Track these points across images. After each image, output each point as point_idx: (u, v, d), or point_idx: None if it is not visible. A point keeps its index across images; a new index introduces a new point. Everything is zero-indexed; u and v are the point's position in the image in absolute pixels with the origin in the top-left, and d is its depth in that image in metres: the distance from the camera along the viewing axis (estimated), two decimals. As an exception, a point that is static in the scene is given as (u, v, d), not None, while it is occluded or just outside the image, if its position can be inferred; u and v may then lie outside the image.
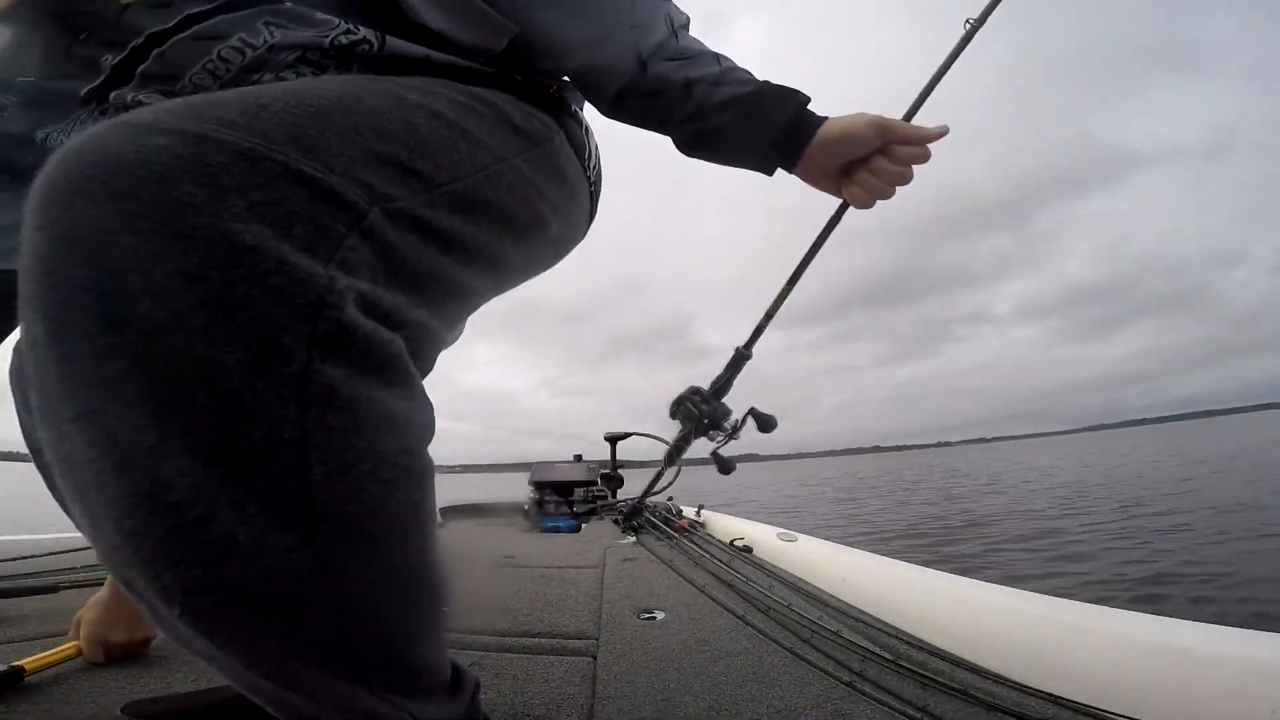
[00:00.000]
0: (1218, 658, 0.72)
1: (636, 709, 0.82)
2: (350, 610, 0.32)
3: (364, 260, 0.32)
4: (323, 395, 0.29)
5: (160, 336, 0.25)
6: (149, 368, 0.25)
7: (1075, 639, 0.87)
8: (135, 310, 0.25)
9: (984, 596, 1.10)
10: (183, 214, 0.25)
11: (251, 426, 0.27)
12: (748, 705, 0.83)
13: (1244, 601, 3.21)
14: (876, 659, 0.94)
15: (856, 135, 0.57)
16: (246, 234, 0.27)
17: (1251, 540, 4.55)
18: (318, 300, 0.29)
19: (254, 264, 0.27)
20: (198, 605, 0.28)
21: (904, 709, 0.78)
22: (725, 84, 0.57)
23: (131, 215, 0.25)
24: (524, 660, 1.02)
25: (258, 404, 0.27)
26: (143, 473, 0.26)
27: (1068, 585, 3.59)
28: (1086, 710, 0.73)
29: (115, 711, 0.75)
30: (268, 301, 0.27)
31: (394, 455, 0.33)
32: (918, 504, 10.30)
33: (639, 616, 1.29)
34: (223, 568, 0.27)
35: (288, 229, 0.28)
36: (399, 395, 0.34)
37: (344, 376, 0.30)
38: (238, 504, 0.27)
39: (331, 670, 0.33)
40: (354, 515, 0.31)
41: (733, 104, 0.56)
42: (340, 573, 0.31)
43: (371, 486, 0.31)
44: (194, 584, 0.27)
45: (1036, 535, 5.44)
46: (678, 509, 2.79)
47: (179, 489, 0.26)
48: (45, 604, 1.24)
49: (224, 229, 0.26)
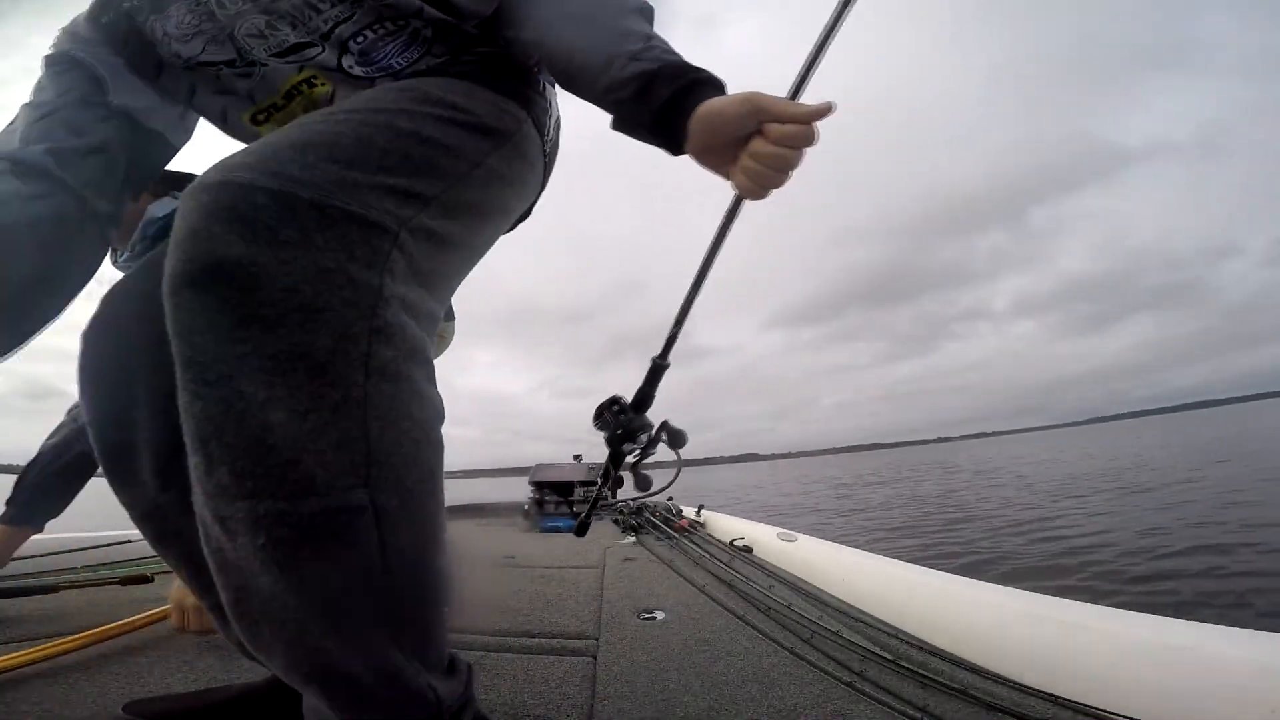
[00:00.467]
0: (1218, 658, 0.72)
1: (636, 709, 0.82)
2: (392, 558, 0.40)
3: (401, 268, 0.43)
4: (379, 369, 0.40)
5: (274, 328, 0.36)
6: (266, 349, 0.36)
7: (1075, 639, 0.87)
8: (256, 311, 0.36)
9: (984, 596, 1.10)
10: (287, 249, 0.38)
11: (333, 389, 0.38)
12: (748, 705, 0.83)
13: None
14: (876, 659, 0.95)
15: (726, 113, 0.52)
16: (326, 259, 0.39)
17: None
18: (374, 302, 0.40)
19: (333, 280, 0.39)
20: (280, 534, 0.36)
21: (904, 709, 0.78)
22: (639, 60, 0.55)
23: (255, 251, 0.37)
24: (524, 660, 1.02)
25: (337, 374, 0.38)
26: (256, 424, 0.36)
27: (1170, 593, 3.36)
28: (1086, 710, 0.73)
29: (116, 711, 0.75)
30: (342, 305, 0.39)
31: (423, 422, 0.43)
32: (924, 498, 10.23)
33: (639, 616, 1.29)
34: (303, 500, 0.37)
35: (351, 253, 0.40)
36: (425, 376, 0.44)
37: (392, 357, 0.41)
38: (320, 450, 0.37)
39: (375, 619, 0.41)
40: (395, 465, 0.40)
41: (635, 79, 0.55)
42: (387, 516, 0.39)
43: (407, 443, 0.41)
44: (280, 514, 0.36)
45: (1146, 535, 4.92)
46: (678, 509, 2.79)
47: (279, 435, 0.36)
48: (45, 604, 1.24)
49: (313, 258, 0.38)
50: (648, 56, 0.55)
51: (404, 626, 0.43)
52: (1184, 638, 0.78)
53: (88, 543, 1.84)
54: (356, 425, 0.38)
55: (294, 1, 0.57)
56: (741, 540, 2.02)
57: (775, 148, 0.51)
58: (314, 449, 0.37)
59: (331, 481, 0.37)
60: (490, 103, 0.60)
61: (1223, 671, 0.70)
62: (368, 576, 0.39)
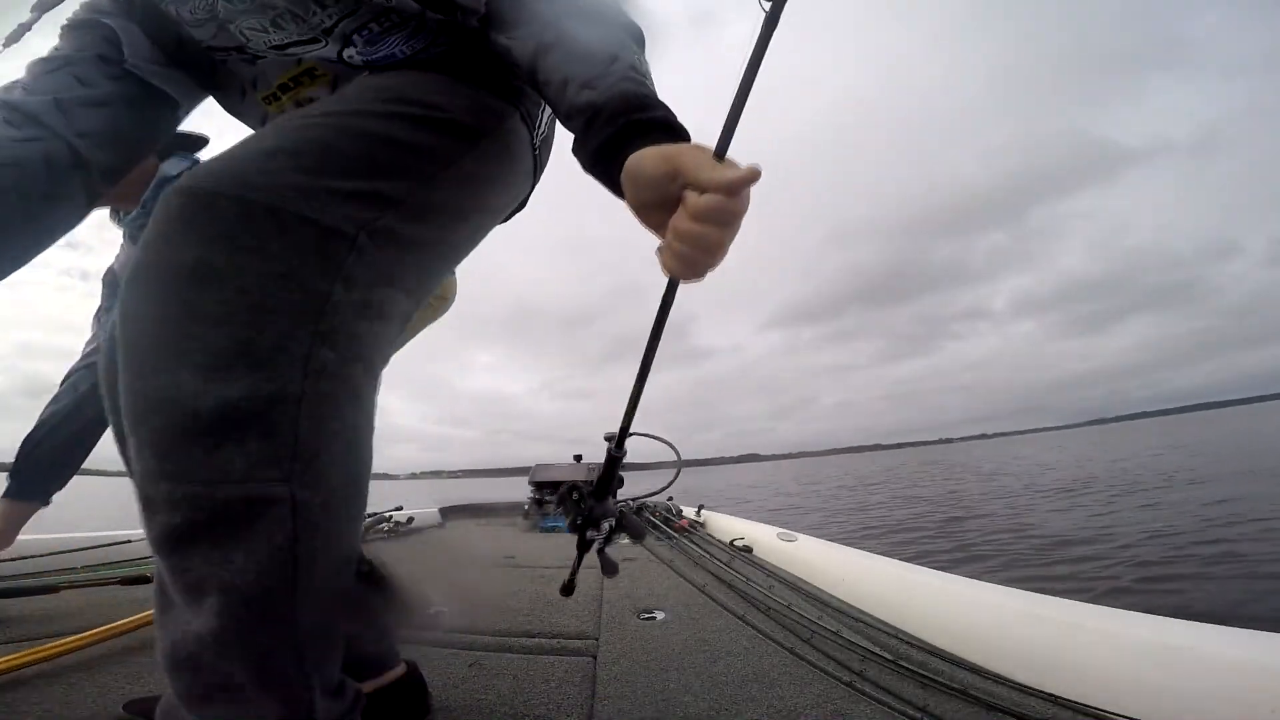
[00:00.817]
0: (1218, 658, 0.72)
1: (636, 709, 0.82)
2: (301, 556, 0.41)
3: (361, 272, 0.45)
4: (318, 369, 0.41)
5: (221, 325, 0.39)
6: (211, 344, 0.39)
7: (1075, 639, 0.87)
8: (206, 309, 0.39)
9: (984, 596, 1.10)
10: (242, 254, 0.40)
11: (269, 384, 0.39)
12: (748, 705, 0.83)
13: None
14: (876, 659, 0.95)
15: (645, 172, 0.44)
16: (279, 264, 0.41)
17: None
18: (322, 307, 0.42)
19: (284, 284, 0.41)
20: (194, 516, 0.38)
21: (904, 709, 0.78)
22: (590, 87, 0.49)
23: (212, 254, 0.40)
24: (524, 660, 1.02)
25: (276, 370, 0.40)
26: (186, 411, 0.38)
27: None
28: (1086, 710, 0.73)
29: (117, 711, 0.75)
30: (290, 308, 0.41)
31: (355, 427, 0.45)
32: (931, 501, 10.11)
33: (639, 616, 1.29)
34: (220, 485, 0.38)
35: (305, 259, 0.42)
36: (367, 383, 0.46)
37: (334, 359, 0.42)
38: (244, 440, 0.38)
39: (268, 612, 0.40)
40: (322, 464, 0.42)
41: (583, 111, 0.49)
42: (304, 514, 0.40)
43: (337, 445, 0.43)
44: (195, 498, 0.38)
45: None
46: (678, 509, 2.79)
47: (207, 422, 0.38)
48: (45, 604, 1.24)
49: (266, 263, 0.41)
50: (602, 84, 0.48)
51: (300, 627, 0.42)
52: (1184, 638, 0.78)
53: (88, 543, 1.84)
54: (287, 421, 0.40)
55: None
56: (741, 540, 2.02)
57: (695, 225, 0.41)
58: (239, 438, 0.38)
59: (251, 471, 0.39)
60: (471, 99, 0.60)
61: (1223, 671, 0.70)
62: (274, 568, 0.40)
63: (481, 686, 0.90)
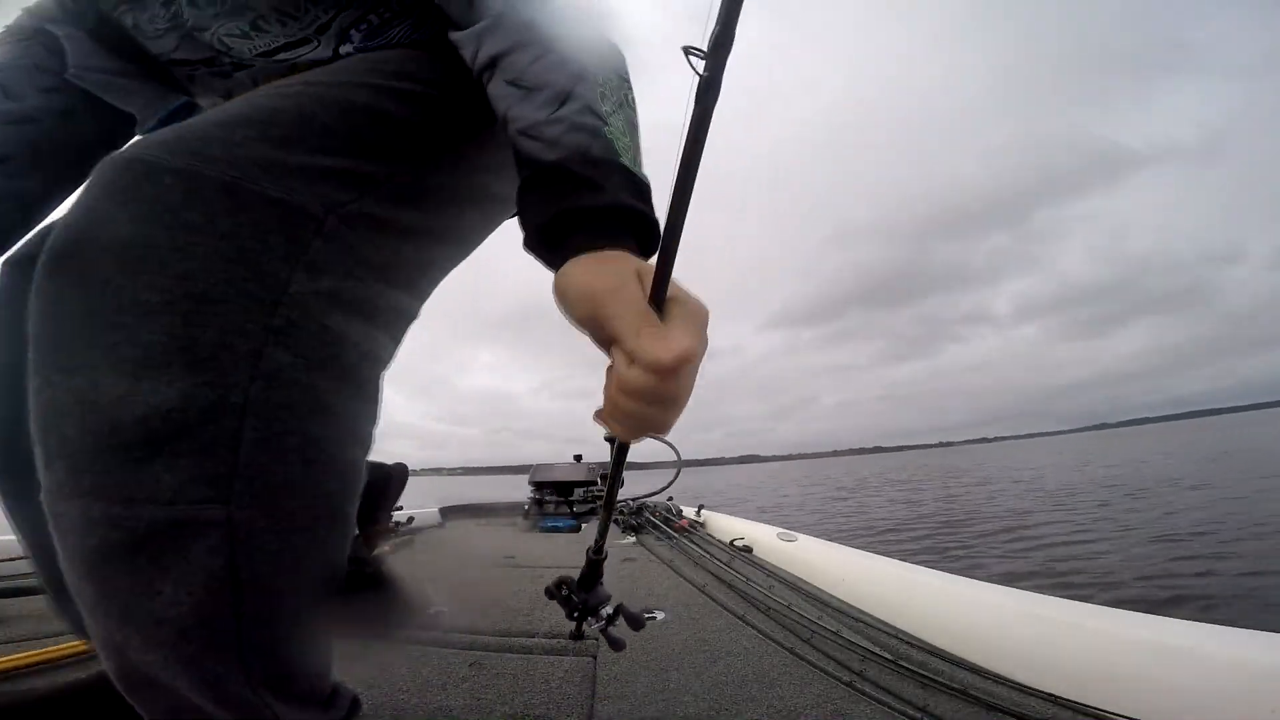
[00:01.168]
0: (1218, 658, 0.72)
1: (636, 709, 0.82)
2: (245, 583, 0.35)
3: (330, 260, 0.38)
4: (270, 373, 0.35)
5: (155, 316, 0.32)
6: (140, 338, 0.32)
7: (1075, 639, 0.87)
8: (138, 296, 0.32)
9: (984, 596, 1.10)
10: (185, 233, 0.34)
11: (208, 390, 0.33)
12: (748, 705, 0.83)
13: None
14: (876, 659, 0.95)
15: (567, 299, 0.36)
16: (230, 246, 0.34)
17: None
18: (277, 298, 0.35)
19: (233, 269, 0.34)
20: (113, 538, 0.32)
21: (904, 709, 0.78)
22: (530, 136, 0.41)
23: (148, 232, 0.33)
24: (524, 660, 1.02)
25: (218, 373, 0.33)
26: (104, 420, 0.32)
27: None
28: (1086, 710, 0.73)
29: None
30: (240, 298, 0.34)
31: (321, 441, 0.38)
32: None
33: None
34: (142, 506, 0.32)
35: (264, 241, 0.36)
36: (337, 390, 0.39)
37: (290, 362, 0.36)
38: (174, 456, 0.32)
39: (209, 641, 0.35)
40: (271, 486, 0.35)
41: (524, 165, 0.41)
42: (246, 539, 0.34)
43: (293, 462, 0.36)
44: (113, 519, 0.32)
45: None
46: (678, 509, 2.79)
47: (128, 434, 0.32)
48: (45, 604, 1.24)
49: (215, 245, 0.34)
50: (546, 135, 0.40)
51: (254, 654, 0.37)
52: (1184, 638, 0.78)
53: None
54: (226, 434, 0.33)
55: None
56: (741, 540, 2.02)
57: (624, 400, 0.34)
58: (168, 452, 0.32)
59: (181, 491, 0.32)
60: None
61: (1223, 671, 0.70)
62: (210, 599, 0.34)
63: (481, 686, 0.90)
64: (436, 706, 0.83)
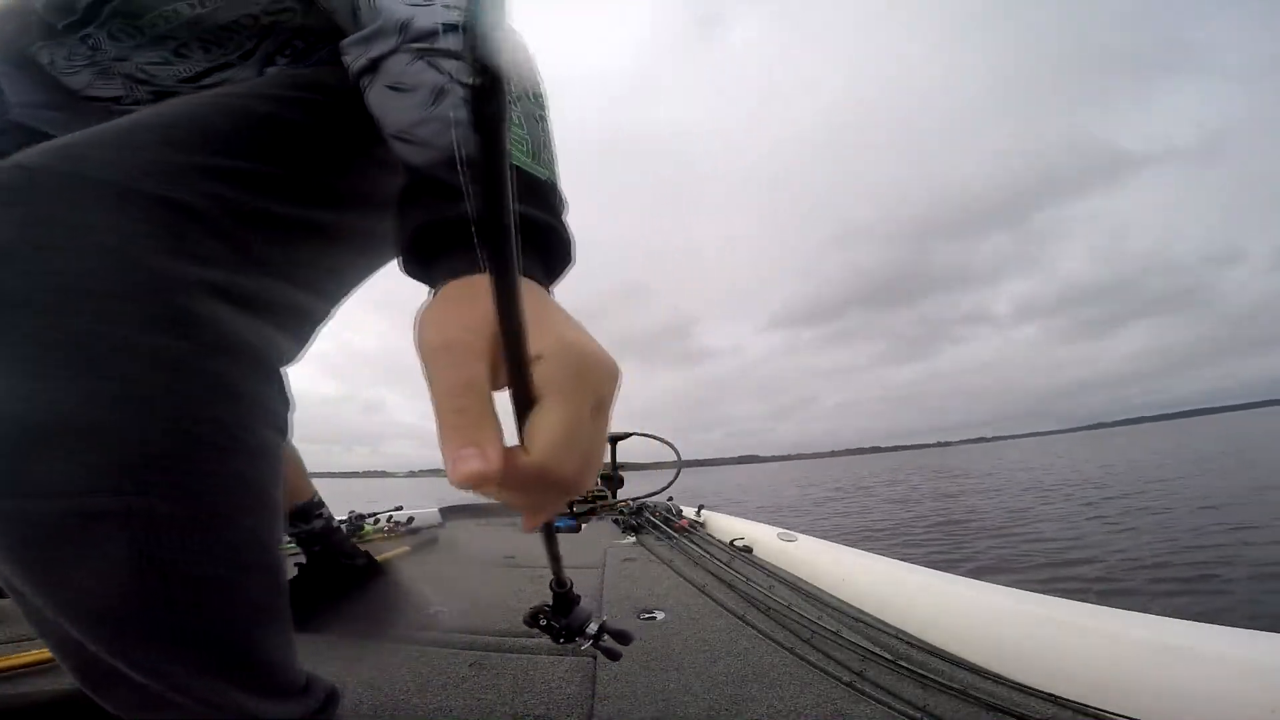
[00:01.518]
0: (1218, 658, 0.72)
1: (636, 709, 0.82)
2: (169, 572, 0.35)
3: (218, 255, 0.38)
4: (169, 362, 0.35)
5: (21, 311, 0.32)
6: (14, 337, 0.32)
7: (1075, 639, 0.87)
8: (30, 297, 0.32)
9: (984, 597, 1.10)
10: (66, 234, 0.34)
11: (98, 381, 0.33)
12: (748, 705, 0.83)
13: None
14: (876, 659, 0.95)
15: (420, 348, 0.26)
16: (111, 240, 0.34)
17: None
18: (168, 288, 0.35)
19: (115, 264, 0.34)
20: (20, 534, 0.32)
21: (904, 709, 0.78)
22: (406, 141, 0.38)
23: (20, 235, 0.33)
24: (524, 660, 1.02)
25: (114, 363, 0.33)
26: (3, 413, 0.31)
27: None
28: (1086, 710, 0.73)
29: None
30: (132, 290, 0.34)
31: (232, 427, 0.38)
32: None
33: (639, 616, 1.29)
34: (42, 500, 0.32)
35: (147, 235, 0.35)
36: (243, 374, 0.39)
37: (189, 350, 0.35)
38: (68, 448, 0.32)
39: (144, 632, 0.35)
40: (182, 470, 0.35)
41: (403, 173, 0.38)
42: (156, 527, 0.34)
43: (204, 448, 0.36)
44: (16, 514, 0.32)
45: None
46: (678, 509, 2.79)
47: (16, 427, 0.31)
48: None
49: (93, 242, 0.34)
50: (418, 136, 0.37)
51: (195, 643, 0.37)
52: (1184, 638, 0.78)
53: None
54: (127, 422, 0.33)
55: (206, 26, 0.51)
56: (741, 540, 2.02)
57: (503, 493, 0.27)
58: (60, 445, 0.32)
59: (78, 481, 0.32)
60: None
61: (1223, 671, 0.70)
62: (132, 588, 0.34)
63: (481, 686, 0.90)
64: (436, 706, 0.83)
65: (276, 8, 0.51)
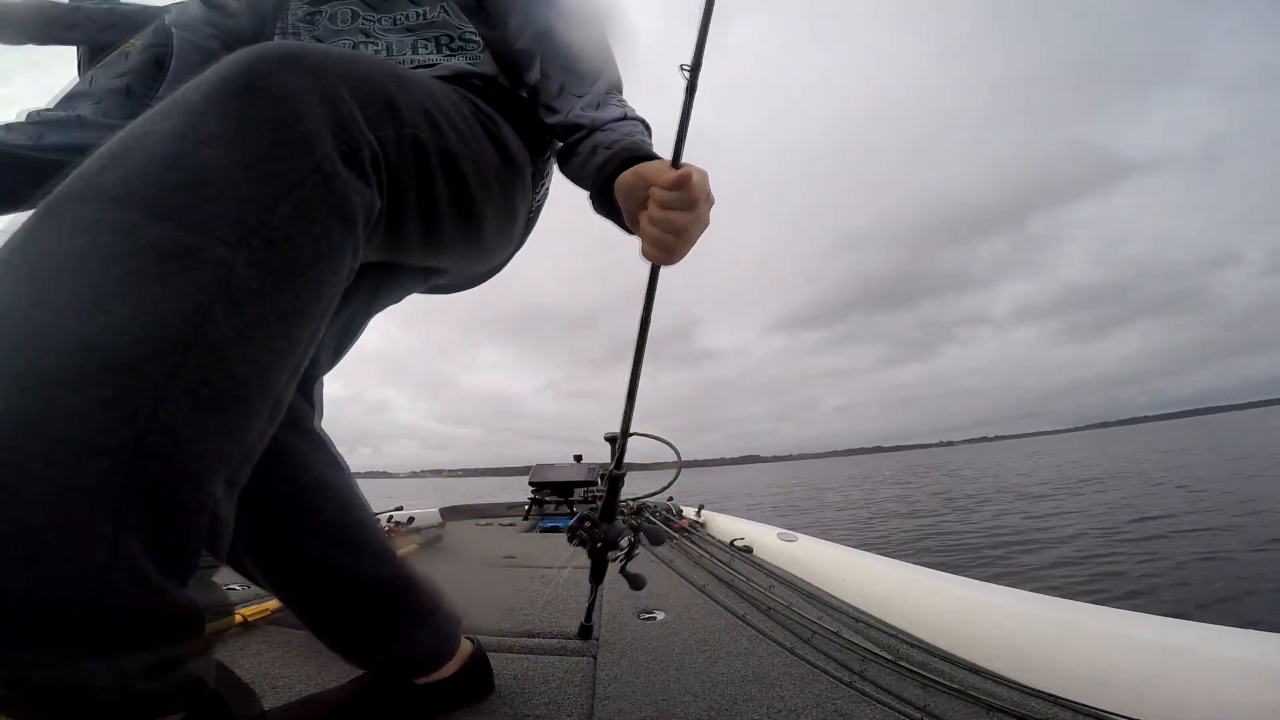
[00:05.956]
0: (1218, 658, 0.72)
1: (636, 709, 0.82)
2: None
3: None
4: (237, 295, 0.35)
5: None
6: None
7: (1075, 639, 0.87)
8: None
9: (984, 597, 1.10)
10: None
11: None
12: (748, 705, 0.82)
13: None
14: (876, 659, 0.95)
15: (624, 182, 0.58)
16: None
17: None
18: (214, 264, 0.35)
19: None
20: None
21: (904, 709, 0.78)
22: (609, 148, 0.63)
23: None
24: (524, 660, 1.02)
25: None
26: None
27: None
28: (1086, 710, 0.73)
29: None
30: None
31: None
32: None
33: (639, 616, 1.29)
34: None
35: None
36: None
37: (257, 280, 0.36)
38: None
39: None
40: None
41: (603, 168, 0.62)
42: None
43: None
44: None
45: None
46: (678, 509, 2.79)
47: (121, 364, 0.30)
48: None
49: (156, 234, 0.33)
50: (616, 146, 0.63)
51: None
52: (1184, 638, 0.78)
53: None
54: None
55: (400, 39, 0.69)
56: (741, 540, 2.01)
57: (659, 211, 0.54)
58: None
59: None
60: (514, 136, 0.69)
61: (1223, 671, 0.70)
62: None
63: (481, 686, 0.90)
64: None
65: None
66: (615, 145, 0.63)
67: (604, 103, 0.68)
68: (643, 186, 0.55)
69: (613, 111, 0.68)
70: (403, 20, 0.70)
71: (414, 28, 0.70)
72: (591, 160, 0.64)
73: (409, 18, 0.70)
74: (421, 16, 0.69)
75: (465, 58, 0.70)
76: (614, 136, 0.64)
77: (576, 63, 0.69)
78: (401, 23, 0.70)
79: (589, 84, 0.69)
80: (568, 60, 0.69)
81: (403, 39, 0.70)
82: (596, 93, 0.69)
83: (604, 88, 0.70)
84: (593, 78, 0.70)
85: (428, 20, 0.70)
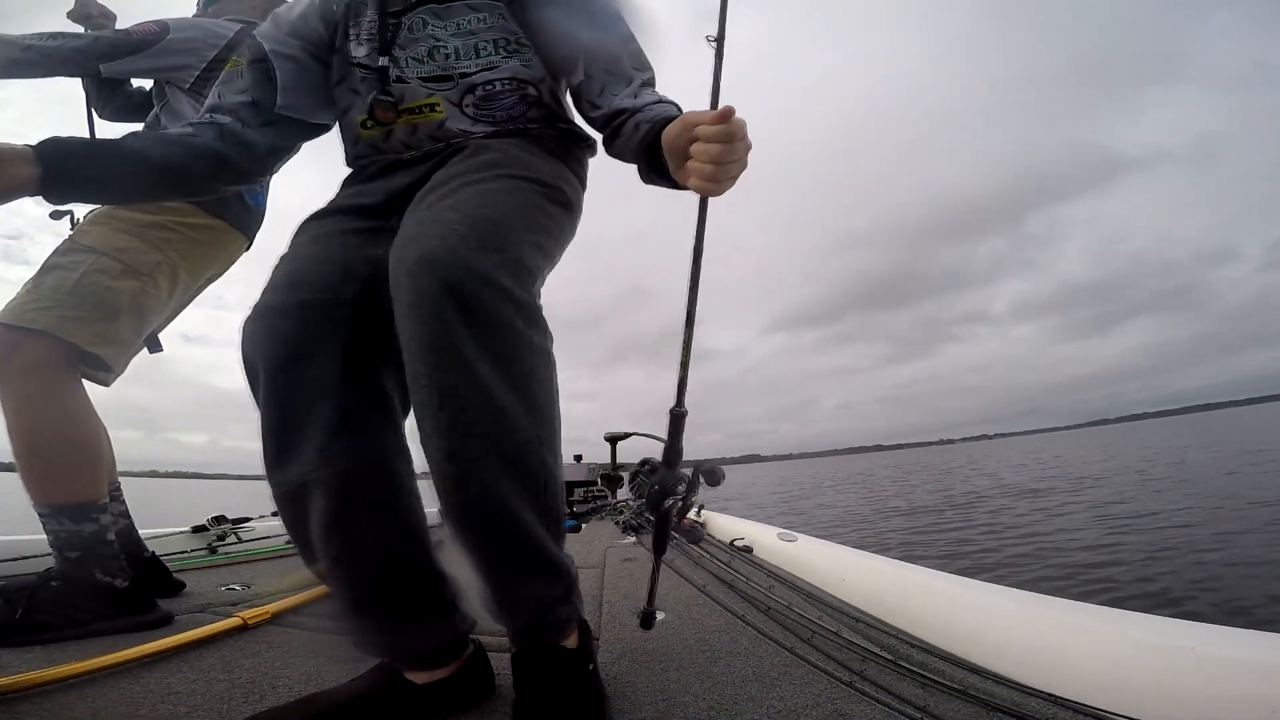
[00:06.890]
0: (1218, 658, 0.72)
1: (636, 709, 0.82)
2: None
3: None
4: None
5: None
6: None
7: (1075, 639, 0.87)
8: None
9: (984, 597, 1.10)
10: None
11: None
12: (748, 705, 0.82)
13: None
14: (876, 659, 0.95)
15: (670, 132, 0.69)
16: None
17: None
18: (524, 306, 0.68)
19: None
20: None
21: (904, 709, 0.78)
22: (650, 121, 0.75)
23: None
24: (524, 660, 1.02)
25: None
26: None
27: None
28: (1086, 710, 0.73)
29: (119, 712, 0.75)
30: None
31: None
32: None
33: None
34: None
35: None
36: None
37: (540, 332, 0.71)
38: None
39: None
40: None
41: (646, 138, 0.74)
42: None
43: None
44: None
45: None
46: (678, 509, 2.79)
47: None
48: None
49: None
50: (654, 120, 0.75)
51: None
52: (1184, 638, 0.78)
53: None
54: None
55: (465, 42, 0.82)
56: (741, 540, 2.02)
57: (703, 145, 0.64)
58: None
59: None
60: (564, 179, 0.84)
61: (1223, 671, 0.70)
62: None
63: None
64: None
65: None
66: (656, 115, 0.74)
67: (640, 94, 0.81)
68: (688, 131, 0.65)
69: (650, 97, 0.80)
70: (465, 25, 0.82)
71: (475, 31, 0.82)
72: (636, 133, 0.76)
73: (470, 23, 0.82)
74: (482, 21, 0.82)
75: (520, 59, 0.83)
76: (654, 112, 0.76)
77: (616, 64, 0.82)
78: (464, 27, 0.82)
79: (626, 81, 0.82)
80: (608, 63, 0.82)
81: (466, 42, 0.82)
82: (634, 87, 0.82)
83: (640, 81, 0.82)
84: (630, 76, 0.82)
85: (487, 25, 0.83)
